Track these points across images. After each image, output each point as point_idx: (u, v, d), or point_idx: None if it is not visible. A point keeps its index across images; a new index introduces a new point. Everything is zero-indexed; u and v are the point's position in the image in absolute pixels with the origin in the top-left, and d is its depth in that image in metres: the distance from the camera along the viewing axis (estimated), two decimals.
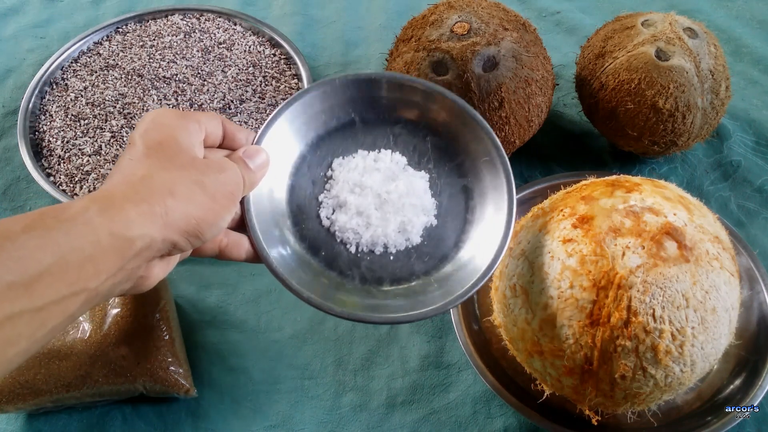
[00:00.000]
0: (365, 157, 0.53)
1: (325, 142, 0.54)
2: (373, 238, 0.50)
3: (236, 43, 0.82)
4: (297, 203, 0.52)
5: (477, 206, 0.53)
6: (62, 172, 0.71)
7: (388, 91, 0.54)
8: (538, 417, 0.53)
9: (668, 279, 0.46)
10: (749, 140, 0.75)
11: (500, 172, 0.52)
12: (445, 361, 0.60)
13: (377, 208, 0.51)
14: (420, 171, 0.53)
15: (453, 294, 0.48)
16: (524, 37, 0.64)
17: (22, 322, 0.32)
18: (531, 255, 0.51)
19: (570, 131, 0.77)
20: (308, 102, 0.52)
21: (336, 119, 0.54)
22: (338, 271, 0.50)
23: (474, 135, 0.53)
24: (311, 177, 0.53)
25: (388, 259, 0.51)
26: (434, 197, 0.53)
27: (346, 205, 0.51)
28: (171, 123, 0.42)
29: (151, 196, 0.37)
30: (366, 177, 0.52)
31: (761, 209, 0.69)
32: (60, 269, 0.33)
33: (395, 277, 0.50)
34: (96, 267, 0.34)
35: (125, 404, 0.58)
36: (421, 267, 0.51)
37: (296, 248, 0.50)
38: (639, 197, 0.51)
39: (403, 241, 0.51)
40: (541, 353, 0.49)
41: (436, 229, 0.52)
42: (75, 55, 0.81)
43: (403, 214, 0.51)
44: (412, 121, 0.55)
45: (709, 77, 0.63)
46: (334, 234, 0.51)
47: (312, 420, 0.58)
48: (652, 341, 0.45)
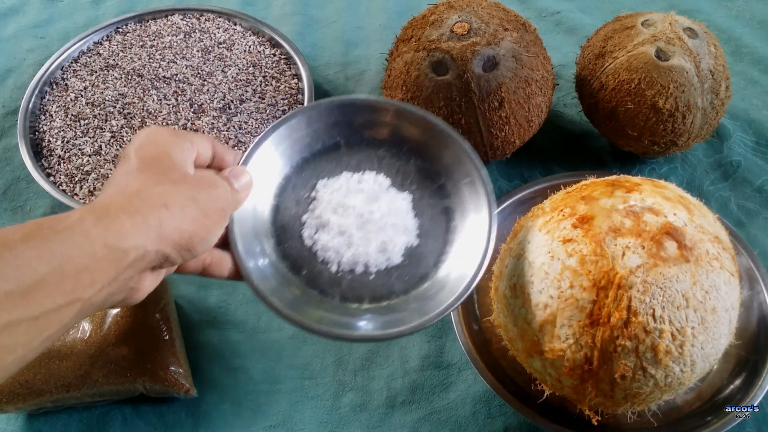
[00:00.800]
0: (349, 178, 0.54)
1: (310, 164, 0.55)
2: (354, 257, 0.51)
3: (236, 43, 0.82)
4: (281, 223, 0.53)
5: (458, 227, 0.53)
6: (62, 172, 0.71)
7: (372, 114, 0.56)
8: (538, 417, 0.53)
9: (668, 279, 0.46)
10: (749, 140, 0.75)
11: (481, 193, 0.53)
12: (445, 361, 0.60)
13: (359, 228, 0.52)
14: (403, 192, 0.54)
15: (430, 313, 0.48)
16: (524, 37, 0.64)
17: (20, 330, 0.33)
18: (531, 255, 0.51)
19: (570, 131, 0.77)
20: (294, 125, 0.54)
21: (321, 142, 0.56)
22: (319, 289, 0.51)
23: (456, 157, 0.54)
24: (296, 198, 0.54)
25: (368, 279, 0.51)
26: (416, 217, 0.54)
27: (328, 225, 0.52)
28: (165, 140, 0.43)
29: (146, 208, 0.38)
30: (349, 197, 0.53)
31: (761, 209, 0.69)
32: (56, 278, 0.34)
33: (375, 295, 0.51)
34: (91, 276, 0.35)
35: (125, 404, 0.58)
36: (401, 286, 0.51)
37: (279, 267, 0.51)
38: (639, 197, 0.51)
39: (384, 260, 0.52)
40: (541, 353, 0.49)
41: (417, 248, 0.53)
42: (75, 55, 0.81)
43: (385, 234, 0.52)
44: (396, 143, 0.56)
45: (709, 77, 0.63)
46: (316, 253, 0.52)
47: (312, 420, 0.58)
48: (652, 341, 0.45)
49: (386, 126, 0.56)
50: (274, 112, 0.75)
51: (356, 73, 0.84)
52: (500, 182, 0.72)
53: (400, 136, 0.56)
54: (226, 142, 0.71)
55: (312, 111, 0.54)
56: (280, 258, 0.51)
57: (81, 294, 0.35)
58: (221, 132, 0.72)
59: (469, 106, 0.62)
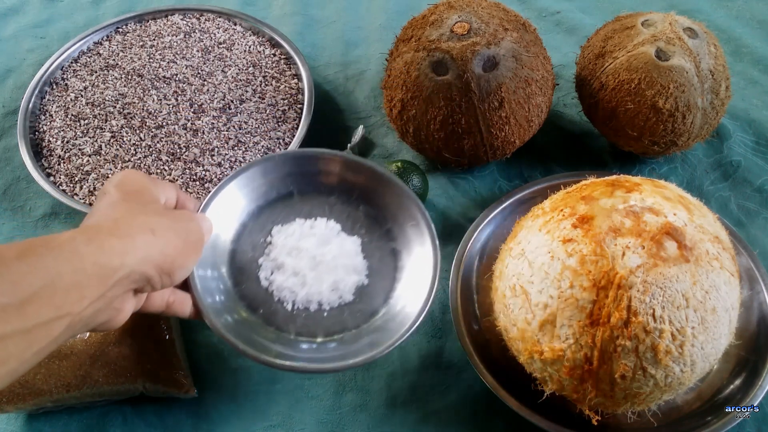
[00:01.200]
0: (302, 224, 0.58)
1: (266, 212, 0.59)
2: (308, 296, 0.55)
3: (236, 43, 0.82)
4: (238, 266, 0.56)
5: (405, 266, 0.57)
6: (62, 172, 0.71)
7: (323, 165, 0.60)
8: (538, 417, 0.53)
9: (668, 279, 0.46)
10: (749, 140, 0.75)
11: (426, 235, 0.57)
12: (445, 361, 0.60)
13: (312, 268, 0.55)
14: (353, 236, 0.58)
15: (381, 345, 0.51)
16: (524, 37, 0.64)
17: (13, 342, 0.35)
18: (531, 255, 0.51)
19: (570, 131, 0.77)
20: (251, 176, 0.58)
21: (276, 191, 0.60)
22: (276, 326, 0.54)
23: (401, 203, 0.59)
24: (252, 242, 0.57)
25: (322, 316, 0.55)
26: (365, 259, 0.57)
27: (283, 267, 0.55)
28: (142, 179, 0.48)
29: (134, 232, 0.41)
30: (302, 241, 0.56)
31: (761, 209, 0.69)
32: (48, 293, 0.36)
33: (329, 331, 0.54)
34: (80, 292, 0.37)
35: (125, 404, 0.58)
36: (353, 322, 0.55)
37: (236, 305, 0.54)
38: (639, 197, 0.51)
39: (336, 298, 0.55)
40: (541, 353, 0.49)
41: (367, 287, 0.56)
42: (75, 55, 0.81)
43: (336, 274, 0.55)
44: (345, 191, 0.60)
45: (709, 77, 0.63)
46: (272, 293, 0.55)
47: (312, 420, 0.58)
48: (652, 341, 0.45)
49: (336, 175, 0.60)
50: (274, 112, 0.75)
51: (356, 73, 0.84)
52: (500, 182, 0.72)
53: (349, 185, 0.60)
54: (226, 142, 0.71)
55: (268, 162, 0.59)
56: (237, 298, 0.55)
57: (70, 308, 0.37)
58: (221, 132, 0.72)
59: (469, 106, 0.62)
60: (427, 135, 0.66)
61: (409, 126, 0.67)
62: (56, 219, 0.72)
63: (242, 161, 0.70)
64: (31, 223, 0.71)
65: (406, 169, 0.66)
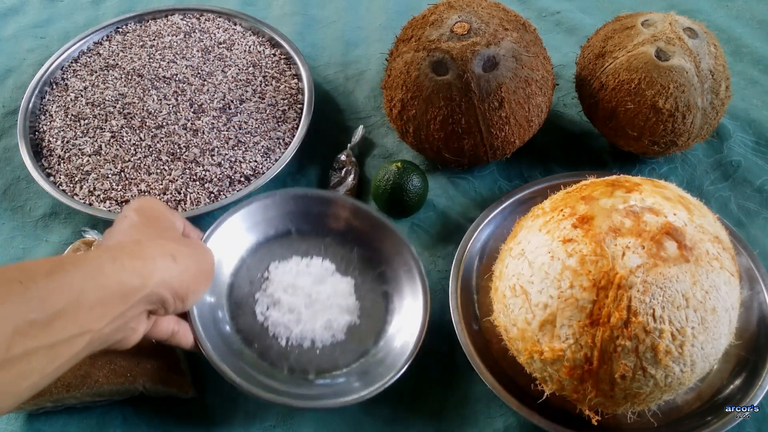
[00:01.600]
0: (299, 262, 0.60)
1: (264, 248, 0.61)
2: (302, 333, 0.57)
3: (236, 43, 0.82)
4: (235, 300, 0.58)
5: (396, 309, 0.60)
6: (62, 172, 0.71)
7: (323, 206, 0.63)
8: (538, 417, 0.53)
9: (668, 279, 0.46)
10: (749, 140, 0.75)
11: (417, 280, 0.59)
12: (446, 361, 0.60)
13: (307, 306, 0.58)
14: (346, 277, 0.61)
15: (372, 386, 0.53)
16: (524, 37, 0.64)
17: (37, 357, 0.36)
18: (531, 255, 0.51)
19: (570, 131, 0.77)
20: (251, 212, 0.60)
21: (275, 229, 0.62)
22: (269, 361, 0.55)
23: (395, 248, 0.61)
24: (249, 277, 0.59)
25: (314, 353, 0.57)
26: (358, 300, 0.60)
27: (279, 303, 0.57)
28: (160, 206, 0.50)
29: (156, 255, 0.43)
30: (298, 279, 0.59)
31: (761, 209, 0.69)
32: (73, 310, 0.37)
33: (320, 369, 0.56)
34: (102, 310, 0.39)
35: (125, 404, 0.58)
36: (344, 360, 0.57)
37: (232, 339, 0.56)
38: (639, 197, 0.51)
39: (329, 336, 0.57)
40: (541, 353, 0.49)
41: (359, 327, 0.58)
42: (75, 55, 0.81)
43: (330, 313, 0.58)
44: (341, 232, 0.63)
45: (709, 77, 0.63)
46: (267, 328, 0.57)
47: (312, 420, 0.58)
48: (652, 341, 0.45)
49: (334, 217, 0.63)
50: (274, 111, 0.75)
51: (356, 73, 0.84)
52: (500, 182, 0.72)
53: (345, 226, 0.63)
54: (226, 142, 0.71)
55: (268, 199, 0.61)
56: (233, 331, 0.56)
57: (92, 325, 0.38)
58: (221, 132, 0.72)
59: (469, 106, 0.62)
60: (427, 135, 0.66)
61: (409, 126, 0.67)
62: (56, 219, 0.72)
63: (242, 161, 0.70)
64: (31, 223, 0.71)
65: (406, 169, 0.66)
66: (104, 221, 0.69)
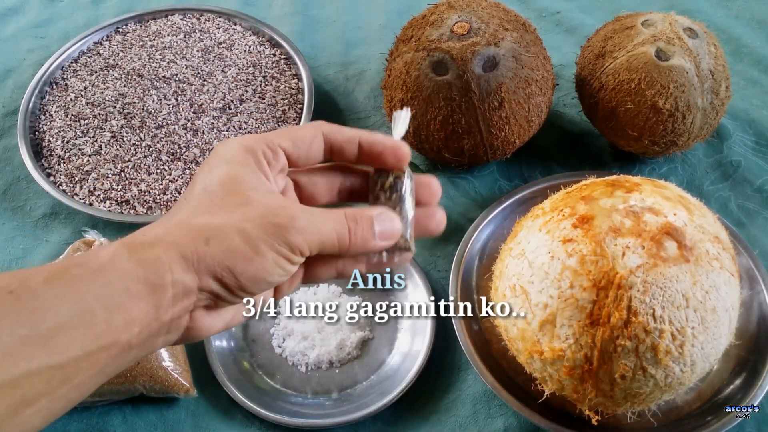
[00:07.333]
0: (306, 291, 0.63)
1: None
2: (318, 357, 0.59)
3: (236, 43, 0.82)
4: (252, 338, 0.61)
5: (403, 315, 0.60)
6: (62, 172, 0.71)
7: None
8: (538, 417, 0.53)
9: (668, 279, 0.46)
10: (749, 140, 0.75)
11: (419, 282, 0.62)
12: (445, 361, 0.60)
13: (319, 330, 0.60)
14: (353, 297, 0.63)
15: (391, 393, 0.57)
16: (524, 37, 0.64)
17: (41, 379, 0.29)
18: (531, 255, 0.51)
19: (570, 131, 0.77)
20: None
21: None
22: (293, 388, 0.59)
23: None
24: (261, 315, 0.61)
25: (334, 373, 0.60)
26: (367, 314, 0.61)
27: (293, 333, 0.60)
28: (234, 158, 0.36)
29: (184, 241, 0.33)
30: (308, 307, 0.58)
31: (761, 209, 0.69)
32: (83, 321, 0.30)
33: (342, 386, 0.59)
34: (126, 317, 0.31)
35: (125, 404, 0.58)
36: (363, 374, 0.59)
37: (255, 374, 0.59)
38: (639, 197, 0.51)
39: (345, 355, 0.60)
40: (541, 353, 0.49)
41: (373, 341, 0.61)
42: (75, 55, 0.81)
43: (342, 332, 0.60)
44: None
45: (709, 77, 0.63)
46: (286, 358, 0.60)
47: None
48: (652, 341, 0.45)
49: None
50: (274, 112, 0.75)
51: (356, 73, 0.84)
52: (500, 182, 0.72)
53: None
54: None
55: None
56: (255, 367, 0.60)
57: (116, 337, 0.31)
58: (221, 132, 0.72)
59: (469, 106, 0.62)
60: (427, 135, 0.66)
61: (409, 126, 0.67)
62: (56, 219, 0.72)
63: None
64: (31, 223, 0.71)
65: None
66: (104, 221, 0.69)
